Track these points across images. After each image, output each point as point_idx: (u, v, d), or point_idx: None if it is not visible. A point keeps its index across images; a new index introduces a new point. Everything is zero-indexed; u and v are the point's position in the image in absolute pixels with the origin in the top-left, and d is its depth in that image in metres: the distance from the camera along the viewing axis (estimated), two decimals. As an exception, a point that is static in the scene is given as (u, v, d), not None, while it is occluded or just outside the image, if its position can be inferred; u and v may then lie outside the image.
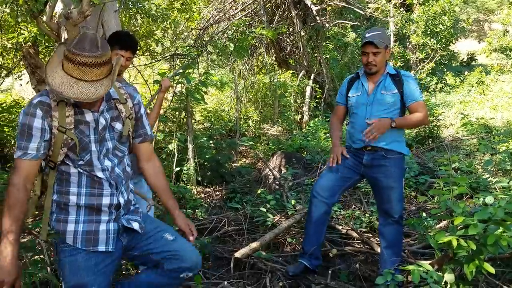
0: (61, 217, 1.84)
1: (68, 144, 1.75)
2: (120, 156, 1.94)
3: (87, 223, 1.83)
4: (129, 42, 2.92)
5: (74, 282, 1.83)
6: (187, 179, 5.73)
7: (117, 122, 1.90)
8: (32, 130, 1.70)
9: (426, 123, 3.12)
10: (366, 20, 13.21)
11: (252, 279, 3.28)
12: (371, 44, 2.97)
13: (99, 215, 1.86)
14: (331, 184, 3.15)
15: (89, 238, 1.83)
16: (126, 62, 2.94)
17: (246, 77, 11.33)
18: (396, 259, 2.95)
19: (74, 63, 1.65)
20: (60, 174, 1.81)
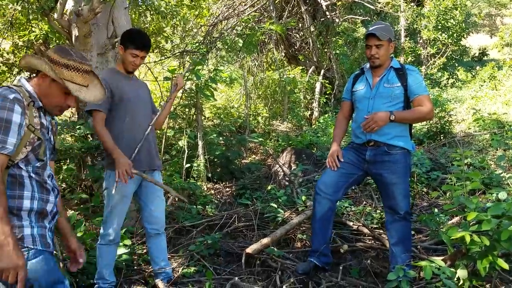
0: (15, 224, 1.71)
1: (33, 143, 1.75)
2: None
3: (40, 228, 1.78)
4: (144, 41, 2.90)
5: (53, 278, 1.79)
6: (197, 175, 5.75)
7: (52, 134, 1.92)
8: (10, 124, 1.67)
9: (429, 117, 3.07)
10: (377, 15, 13.09)
11: (263, 275, 3.28)
12: (373, 37, 2.97)
13: (44, 222, 1.81)
14: (334, 181, 3.14)
15: (44, 242, 1.78)
16: (140, 61, 2.94)
17: (255, 73, 11.31)
18: (406, 255, 2.92)
19: (79, 71, 1.80)
20: (12, 177, 1.73)
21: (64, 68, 1.78)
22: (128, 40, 2.87)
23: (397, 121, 2.92)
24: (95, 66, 3.95)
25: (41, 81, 1.81)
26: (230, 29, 8.21)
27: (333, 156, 3.18)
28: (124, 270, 3.23)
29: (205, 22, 9.03)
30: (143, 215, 3.10)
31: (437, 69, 14.23)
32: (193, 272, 3.32)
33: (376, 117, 2.88)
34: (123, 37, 2.93)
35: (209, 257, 3.62)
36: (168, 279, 3.04)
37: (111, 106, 2.88)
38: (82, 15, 3.61)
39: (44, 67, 1.76)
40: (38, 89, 1.81)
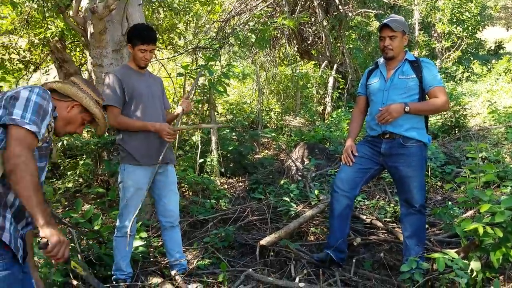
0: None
1: (44, 141, 1.77)
2: None
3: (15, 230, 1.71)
4: (149, 35, 2.93)
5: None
6: (211, 170, 5.80)
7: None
8: (47, 115, 1.72)
9: (445, 109, 3.07)
10: (390, 9, 12.96)
11: (276, 267, 3.32)
12: (387, 28, 2.98)
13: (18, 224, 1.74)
14: (351, 177, 3.14)
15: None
16: (150, 54, 2.99)
17: (268, 68, 11.31)
18: (420, 248, 2.92)
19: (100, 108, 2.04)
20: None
21: (95, 105, 1.97)
22: (134, 37, 2.91)
23: (412, 113, 2.91)
24: (110, 63, 4.01)
25: (70, 109, 1.91)
26: (242, 24, 8.22)
27: (347, 151, 3.19)
28: (140, 262, 3.30)
29: (218, 18, 9.07)
30: (158, 208, 3.16)
31: (451, 62, 14.06)
32: (207, 264, 3.37)
33: (390, 108, 2.88)
34: (128, 36, 2.98)
35: (223, 250, 3.67)
36: (184, 270, 3.10)
37: (126, 102, 2.93)
38: (97, 12, 3.67)
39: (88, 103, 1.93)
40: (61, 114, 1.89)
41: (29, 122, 1.63)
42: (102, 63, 4.01)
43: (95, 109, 1.96)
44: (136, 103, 2.95)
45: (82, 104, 1.92)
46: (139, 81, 2.99)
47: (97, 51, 4.00)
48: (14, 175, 1.56)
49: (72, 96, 1.91)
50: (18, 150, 1.58)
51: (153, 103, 3.03)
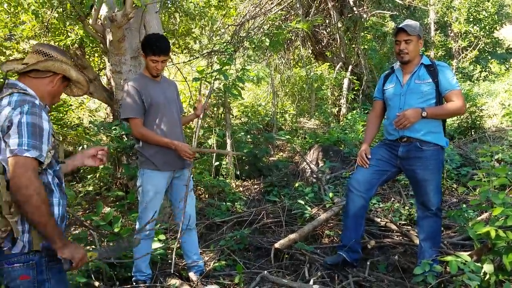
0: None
1: (54, 147, 1.78)
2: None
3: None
4: (161, 46, 2.97)
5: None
6: (226, 173, 5.88)
7: None
8: (43, 131, 1.68)
9: (461, 112, 3.08)
10: (406, 9, 12.88)
11: (291, 269, 3.37)
12: (402, 32, 3.01)
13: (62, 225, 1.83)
14: (367, 178, 3.18)
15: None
16: (161, 65, 3.05)
17: (282, 71, 11.36)
18: (434, 250, 2.94)
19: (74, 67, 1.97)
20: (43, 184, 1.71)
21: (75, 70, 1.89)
22: (146, 48, 2.98)
23: (429, 117, 2.93)
24: (128, 70, 4.12)
25: (55, 83, 1.86)
26: (257, 28, 8.30)
27: (361, 154, 3.23)
28: (159, 264, 3.39)
29: (232, 22, 9.16)
30: (175, 212, 3.25)
31: (469, 62, 13.88)
32: (224, 266, 3.44)
33: (407, 113, 2.90)
34: (142, 45, 3.06)
35: (239, 252, 3.74)
36: (201, 272, 3.19)
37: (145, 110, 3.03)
38: (116, 20, 3.78)
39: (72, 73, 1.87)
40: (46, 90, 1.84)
41: (28, 148, 1.61)
42: (121, 70, 4.13)
43: (79, 76, 1.91)
44: (154, 111, 3.04)
45: (66, 75, 1.87)
46: (155, 89, 3.07)
47: (116, 58, 4.12)
48: (28, 206, 1.60)
49: (58, 71, 1.85)
50: (25, 180, 1.59)
51: (169, 109, 3.11)
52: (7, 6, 5.52)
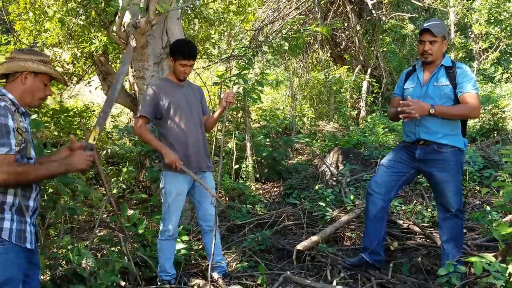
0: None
1: (20, 144, 1.97)
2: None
3: (19, 222, 1.98)
4: (191, 51, 3.09)
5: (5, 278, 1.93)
6: (246, 176, 5.93)
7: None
8: (9, 128, 1.89)
9: (474, 115, 3.01)
10: (425, 11, 12.76)
11: (313, 271, 3.39)
12: (428, 32, 2.98)
13: (25, 217, 2.01)
14: (386, 180, 3.18)
15: (20, 235, 1.97)
16: (189, 69, 3.14)
17: (300, 74, 11.38)
18: (458, 252, 2.92)
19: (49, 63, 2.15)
20: None
21: (42, 64, 2.07)
22: (176, 52, 3.08)
23: (437, 115, 2.90)
24: (151, 75, 4.21)
25: (24, 80, 2.04)
26: (275, 32, 8.35)
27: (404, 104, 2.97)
28: (183, 264, 3.46)
29: (251, 27, 9.24)
30: (198, 213, 3.31)
31: (490, 64, 13.64)
32: (246, 267, 3.48)
33: (417, 104, 2.85)
34: (171, 49, 3.15)
35: (261, 253, 3.77)
36: (223, 272, 3.23)
37: (163, 113, 3.10)
38: (139, 27, 3.88)
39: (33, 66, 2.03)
40: (21, 90, 2.04)
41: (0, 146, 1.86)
42: (144, 75, 4.22)
43: (42, 67, 2.05)
44: (174, 113, 3.12)
45: (29, 70, 2.03)
46: (176, 92, 3.15)
47: (139, 64, 4.22)
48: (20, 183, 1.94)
49: (18, 70, 2.02)
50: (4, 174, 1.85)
51: (190, 111, 3.18)
52: (32, 15, 5.71)
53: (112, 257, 3.14)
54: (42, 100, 2.16)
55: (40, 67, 2.06)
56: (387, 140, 7.16)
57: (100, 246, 3.77)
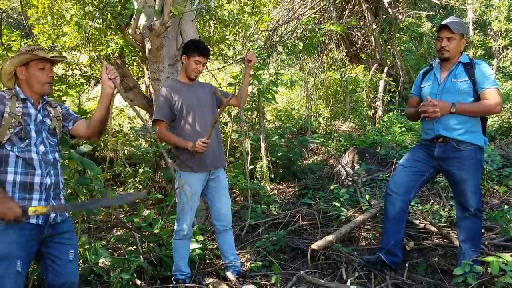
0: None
1: (14, 127, 2.18)
2: (52, 145, 2.36)
3: (22, 199, 2.17)
4: (205, 48, 3.20)
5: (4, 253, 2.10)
6: (261, 176, 5.94)
7: (47, 118, 2.38)
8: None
9: (496, 111, 2.96)
10: (443, 9, 12.57)
11: (328, 271, 3.38)
12: (446, 29, 2.97)
13: (32, 193, 2.20)
14: (405, 180, 3.15)
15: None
16: (202, 67, 3.20)
17: (316, 74, 11.34)
18: (475, 252, 2.88)
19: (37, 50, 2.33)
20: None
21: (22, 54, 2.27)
22: (191, 48, 3.15)
23: (458, 113, 2.88)
24: (166, 77, 4.26)
25: (21, 74, 2.28)
26: (290, 32, 8.34)
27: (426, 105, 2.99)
28: (197, 264, 3.49)
29: (266, 27, 9.25)
30: (212, 213, 3.33)
31: (510, 61, 13.35)
32: (260, 267, 3.49)
33: (439, 105, 2.87)
34: (185, 47, 3.22)
35: (275, 253, 3.78)
36: (238, 272, 3.25)
37: (176, 114, 3.14)
38: (154, 29, 3.93)
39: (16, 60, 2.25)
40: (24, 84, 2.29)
41: None
42: (159, 77, 4.28)
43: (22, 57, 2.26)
44: (187, 113, 3.16)
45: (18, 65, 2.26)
46: (188, 93, 3.20)
47: (154, 66, 4.27)
48: None
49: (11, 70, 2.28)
50: None
51: (202, 110, 3.22)
52: (51, 19, 5.83)
53: (128, 256, 3.19)
54: (48, 83, 2.33)
55: (20, 58, 2.26)
56: (404, 139, 7.08)
57: (116, 246, 3.83)
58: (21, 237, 2.14)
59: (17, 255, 2.11)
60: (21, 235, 2.14)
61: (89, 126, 2.47)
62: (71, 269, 2.33)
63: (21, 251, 2.13)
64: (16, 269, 2.10)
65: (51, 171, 2.29)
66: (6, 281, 2.08)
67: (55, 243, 2.31)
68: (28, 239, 2.16)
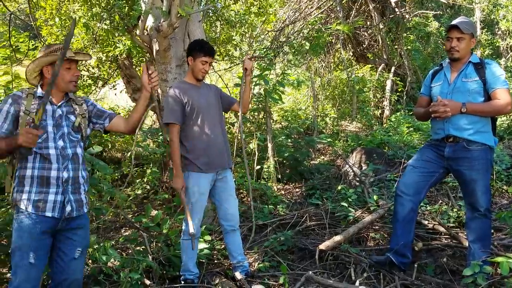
0: (19, 188, 2.24)
1: (30, 123, 2.22)
2: (74, 140, 2.41)
3: (39, 193, 2.24)
4: (211, 48, 3.22)
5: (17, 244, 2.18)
6: (268, 176, 5.94)
7: (72, 115, 2.44)
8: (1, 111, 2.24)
9: (506, 111, 2.94)
10: (450, 8, 12.50)
11: (336, 271, 3.37)
12: (455, 29, 2.96)
13: (48, 187, 2.26)
14: (415, 181, 3.13)
15: (38, 206, 2.22)
16: (208, 67, 3.21)
17: (322, 74, 11.31)
18: (484, 252, 2.86)
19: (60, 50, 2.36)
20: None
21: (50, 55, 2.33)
22: (196, 49, 3.16)
23: (468, 113, 2.88)
24: (174, 77, 4.28)
25: (47, 73, 2.34)
26: (296, 32, 8.33)
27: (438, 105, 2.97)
28: (205, 264, 3.49)
29: (272, 28, 9.25)
30: (219, 213, 3.34)
31: (519, 60, 13.24)
32: (268, 267, 3.49)
33: (450, 104, 2.87)
34: (190, 49, 3.23)
35: (283, 254, 3.78)
36: (246, 272, 3.25)
37: (186, 114, 3.15)
38: (162, 30, 3.94)
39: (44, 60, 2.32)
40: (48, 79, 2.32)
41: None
42: (166, 78, 4.29)
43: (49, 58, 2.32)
44: (195, 114, 3.17)
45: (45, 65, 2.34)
46: (196, 94, 3.21)
47: (162, 67, 4.29)
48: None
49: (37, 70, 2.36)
50: None
51: (210, 112, 3.23)
52: (59, 20, 5.88)
53: (137, 256, 3.20)
54: (72, 82, 2.40)
55: (47, 59, 2.33)
56: (412, 139, 7.04)
57: (125, 246, 3.85)
58: (35, 229, 2.19)
59: (30, 246, 2.17)
60: (35, 227, 2.19)
61: (128, 123, 2.58)
62: (75, 267, 2.36)
63: (34, 243, 2.19)
64: (29, 260, 2.16)
65: (69, 165, 2.34)
66: (19, 271, 2.16)
67: (65, 238, 2.35)
68: (42, 232, 2.21)
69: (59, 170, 2.29)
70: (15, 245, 2.19)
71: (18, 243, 2.18)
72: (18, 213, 2.22)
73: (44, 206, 2.23)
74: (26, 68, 2.38)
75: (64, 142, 2.35)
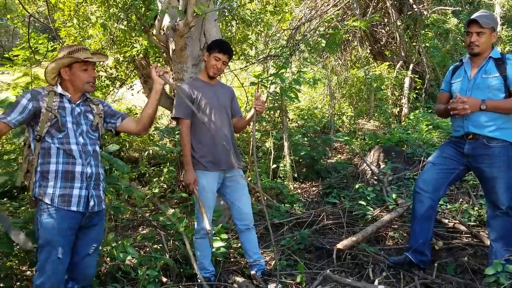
0: (43, 183, 2.27)
1: (51, 119, 2.31)
2: (92, 138, 2.47)
3: (63, 188, 2.28)
4: (228, 47, 3.21)
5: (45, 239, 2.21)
6: (284, 175, 5.92)
7: (89, 114, 2.50)
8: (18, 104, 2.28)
9: None
10: (469, 4, 12.26)
11: (354, 270, 3.33)
12: (475, 23, 2.90)
13: (73, 182, 2.31)
14: (434, 178, 3.08)
15: (63, 200, 2.26)
16: (222, 66, 3.19)
17: (339, 72, 11.22)
18: (507, 251, 2.79)
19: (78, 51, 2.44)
20: (42, 149, 2.31)
21: (67, 57, 2.38)
22: (213, 45, 3.19)
23: (488, 110, 2.81)
24: (190, 76, 4.29)
25: (65, 74, 2.40)
26: (312, 30, 8.28)
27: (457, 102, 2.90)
28: (222, 262, 3.49)
29: (288, 26, 9.21)
30: (233, 213, 3.32)
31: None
32: (285, 266, 3.47)
33: (469, 101, 2.80)
34: (209, 46, 3.26)
35: (299, 253, 3.75)
36: (262, 270, 3.23)
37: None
38: (178, 29, 3.96)
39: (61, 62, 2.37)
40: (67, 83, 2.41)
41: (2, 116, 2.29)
42: (183, 77, 4.31)
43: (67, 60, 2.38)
44: (204, 111, 3.17)
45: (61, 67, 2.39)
46: (207, 91, 3.21)
47: (178, 66, 4.31)
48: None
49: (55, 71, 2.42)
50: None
51: (220, 111, 3.22)
52: (77, 21, 5.95)
53: (154, 254, 3.22)
54: (90, 83, 2.46)
55: (65, 61, 2.38)
56: (431, 137, 6.93)
57: (142, 244, 3.88)
58: (62, 224, 2.24)
59: (59, 242, 2.22)
60: (62, 222, 2.24)
61: (139, 122, 2.61)
62: (88, 263, 2.42)
63: (62, 238, 2.23)
64: (58, 255, 2.21)
65: (91, 161, 2.40)
66: (47, 266, 2.20)
67: (83, 234, 2.40)
68: (69, 227, 2.27)
69: (83, 165, 2.35)
70: (43, 240, 2.22)
71: (48, 238, 2.22)
72: (43, 208, 2.25)
73: (70, 200, 2.28)
74: (45, 69, 2.43)
75: (84, 139, 2.41)
